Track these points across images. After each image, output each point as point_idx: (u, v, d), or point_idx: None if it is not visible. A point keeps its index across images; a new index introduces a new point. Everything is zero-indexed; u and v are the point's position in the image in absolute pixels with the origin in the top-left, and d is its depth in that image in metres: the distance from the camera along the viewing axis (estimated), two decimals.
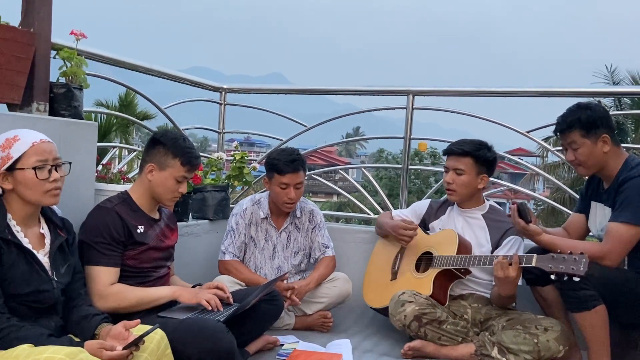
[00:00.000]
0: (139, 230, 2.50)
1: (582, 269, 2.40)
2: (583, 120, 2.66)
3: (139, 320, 2.00)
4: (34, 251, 2.02)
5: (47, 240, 2.10)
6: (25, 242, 2.01)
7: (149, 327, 1.99)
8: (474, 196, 3.14)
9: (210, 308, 2.46)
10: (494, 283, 2.96)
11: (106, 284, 2.36)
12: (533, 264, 2.57)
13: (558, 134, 2.78)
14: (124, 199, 2.55)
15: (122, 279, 2.44)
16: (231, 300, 2.62)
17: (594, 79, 16.20)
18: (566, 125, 2.71)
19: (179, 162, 2.51)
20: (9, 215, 2.00)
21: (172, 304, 2.64)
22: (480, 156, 3.07)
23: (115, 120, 10.01)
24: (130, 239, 2.46)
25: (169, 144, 2.53)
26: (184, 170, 2.53)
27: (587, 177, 3.04)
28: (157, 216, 2.65)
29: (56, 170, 2.05)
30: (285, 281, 3.16)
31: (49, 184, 2.02)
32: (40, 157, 2.00)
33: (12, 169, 1.97)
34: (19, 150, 1.98)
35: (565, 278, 2.46)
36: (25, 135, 2.02)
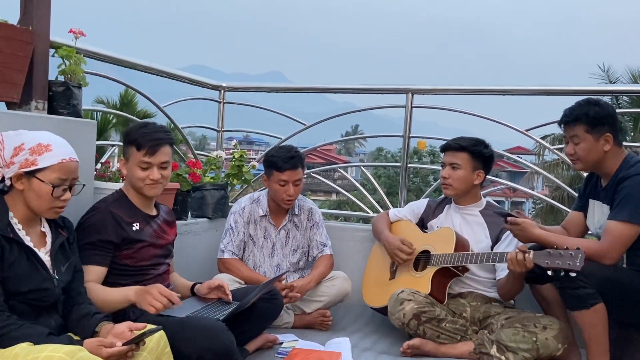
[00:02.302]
0: (134, 228, 2.49)
1: (578, 264, 2.40)
2: (590, 116, 2.66)
3: (145, 325, 1.98)
4: (36, 249, 2.02)
5: (49, 239, 2.10)
6: (27, 240, 2.01)
7: (154, 326, 2.00)
8: (470, 192, 3.15)
9: (154, 312, 2.22)
10: (497, 279, 2.96)
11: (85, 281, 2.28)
12: (532, 261, 2.57)
13: (562, 125, 2.78)
14: (118, 197, 2.54)
15: (121, 277, 2.43)
16: (231, 298, 2.62)
17: (592, 79, 16.19)
18: (572, 118, 2.71)
19: (135, 148, 2.47)
20: (11, 214, 2.00)
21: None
22: (477, 152, 3.08)
23: (112, 118, 10.03)
24: (125, 238, 2.44)
25: (126, 135, 2.53)
26: (141, 155, 2.46)
27: (585, 175, 3.05)
28: (153, 212, 2.63)
29: (70, 190, 2.06)
30: (284, 281, 3.16)
31: (58, 202, 2.03)
32: (63, 176, 2.01)
33: (31, 174, 1.98)
34: (47, 161, 1.98)
35: (562, 274, 2.46)
36: (58, 147, 2.02)
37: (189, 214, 3.67)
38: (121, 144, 3.94)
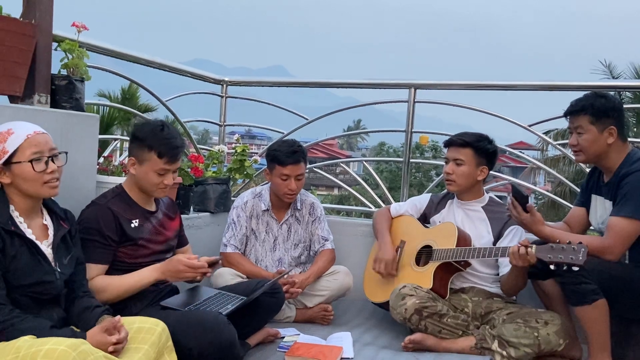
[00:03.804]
0: (132, 225, 2.48)
1: (580, 258, 2.40)
2: (595, 107, 2.67)
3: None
4: (37, 242, 2.02)
5: (51, 232, 2.10)
6: (29, 233, 2.01)
7: (151, 319, 2.01)
8: (474, 188, 3.14)
9: (198, 279, 2.47)
10: (500, 274, 2.96)
11: (88, 279, 2.30)
12: (535, 255, 2.57)
13: (568, 116, 2.78)
14: (118, 193, 2.52)
15: (119, 273, 2.42)
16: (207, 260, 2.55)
17: (593, 74, 16.13)
18: (578, 108, 2.72)
19: (155, 154, 2.44)
20: (12, 207, 2.01)
21: (173, 292, 2.65)
22: (481, 147, 3.07)
23: (116, 113, 10.01)
24: (123, 235, 2.43)
25: (144, 137, 2.46)
26: (161, 162, 2.44)
27: (588, 170, 3.04)
28: (153, 208, 2.61)
29: (53, 161, 2.05)
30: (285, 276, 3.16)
31: (46, 175, 2.02)
32: (36, 149, 2.00)
33: (8, 163, 1.98)
34: (14, 143, 1.98)
35: (565, 268, 2.46)
36: (18, 128, 2.02)
37: (191, 208, 3.68)
38: (124, 137, 3.94)
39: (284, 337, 2.91)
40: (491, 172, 3.21)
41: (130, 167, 2.50)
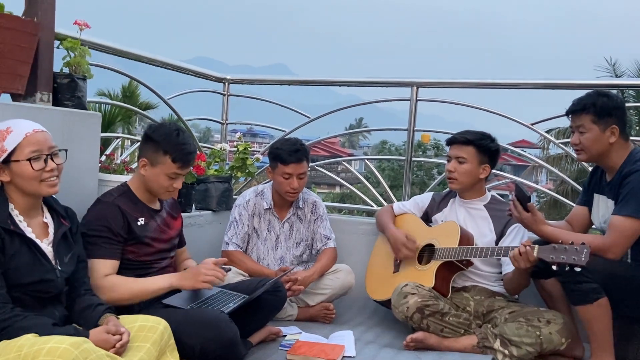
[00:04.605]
0: (139, 223, 2.49)
1: (583, 259, 2.40)
2: (597, 106, 2.66)
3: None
4: (37, 241, 2.02)
5: (51, 229, 2.10)
6: (28, 232, 2.01)
7: (153, 317, 2.02)
8: (476, 186, 3.14)
9: (209, 287, 2.47)
10: (504, 273, 2.96)
11: (100, 275, 2.32)
12: (535, 255, 2.57)
13: (570, 115, 2.77)
14: (123, 191, 2.53)
15: (123, 271, 2.43)
16: (223, 274, 2.55)
17: (597, 72, 16.09)
18: (580, 107, 2.71)
19: (170, 158, 2.44)
20: (11, 205, 2.00)
21: (175, 290, 2.65)
22: (483, 145, 3.07)
23: (117, 111, 10.04)
24: (130, 232, 2.44)
25: (159, 140, 2.46)
26: (175, 167, 2.45)
27: (590, 169, 3.04)
28: (157, 207, 2.63)
29: (52, 159, 2.04)
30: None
31: (45, 173, 2.01)
32: (35, 148, 1.99)
33: (7, 161, 1.97)
34: (13, 142, 1.97)
35: (567, 268, 2.46)
36: (17, 126, 2.01)
37: (193, 207, 3.68)
38: (126, 136, 3.93)
39: (285, 336, 2.91)
40: (493, 170, 3.21)
41: (140, 168, 2.50)
